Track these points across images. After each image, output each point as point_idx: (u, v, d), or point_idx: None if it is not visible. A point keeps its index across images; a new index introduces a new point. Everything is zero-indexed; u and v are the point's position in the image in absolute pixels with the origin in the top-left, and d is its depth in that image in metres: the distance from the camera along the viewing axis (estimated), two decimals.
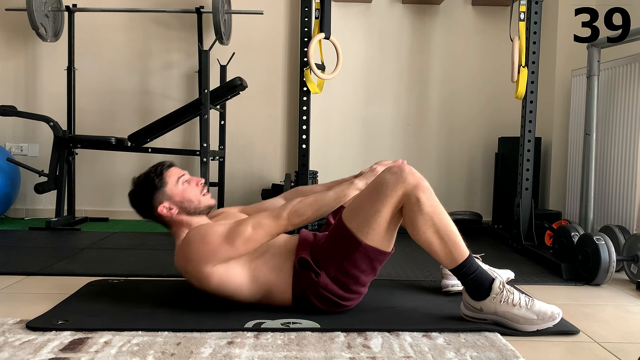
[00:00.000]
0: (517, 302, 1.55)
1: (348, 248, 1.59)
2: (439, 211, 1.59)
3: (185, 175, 1.75)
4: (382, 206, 1.56)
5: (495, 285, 1.57)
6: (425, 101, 3.75)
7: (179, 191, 1.71)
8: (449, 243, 1.57)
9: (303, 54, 2.81)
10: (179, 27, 3.72)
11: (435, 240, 1.57)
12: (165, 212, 1.70)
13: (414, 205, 1.56)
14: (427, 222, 1.57)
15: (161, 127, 3.26)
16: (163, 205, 1.70)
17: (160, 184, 1.71)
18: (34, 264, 2.28)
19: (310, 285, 1.62)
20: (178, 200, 1.70)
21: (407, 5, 3.69)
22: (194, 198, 1.72)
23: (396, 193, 1.56)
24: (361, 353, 1.38)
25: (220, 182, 3.54)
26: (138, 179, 1.75)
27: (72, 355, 1.34)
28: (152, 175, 1.72)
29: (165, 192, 1.70)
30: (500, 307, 1.55)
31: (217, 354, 1.36)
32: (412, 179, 1.58)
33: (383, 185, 1.57)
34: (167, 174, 1.73)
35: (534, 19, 2.79)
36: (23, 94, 3.70)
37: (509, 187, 3.26)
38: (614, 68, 2.73)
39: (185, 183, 1.73)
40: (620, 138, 2.66)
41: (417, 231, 1.57)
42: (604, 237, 2.15)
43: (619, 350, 1.47)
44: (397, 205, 1.57)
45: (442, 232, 1.57)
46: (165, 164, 1.76)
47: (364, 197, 1.60)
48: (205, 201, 1.75)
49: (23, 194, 3.64)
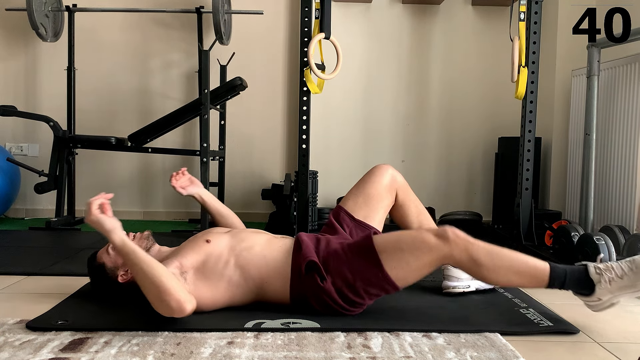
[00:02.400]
0: (621, 273, 1.51)
1: (368, 272, 1.58)
2: (497, 255, 1.55)
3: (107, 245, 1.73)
4: (422, 261, 1.55)
5: (592, 273, 1.53)
6: (425, 101, 3.75)
7: (113, 258, 1.71)
8: (526, 272, 1.54)
9: (303, 54, 2.81)
10: (179, 27, 3.72)
11: (513, 279, 1.55)
12: (126, 278, 1.67)
13: (473, 266, 1.54)
14: (493, 271, 1.54)
15: (161, 127, 3.25)
16: (121, 275, 1.68)
17: (101, 267, 1.72)
18: (34, 264, 2.28)
19: (313, 288, 1.61)
20: (120, 263, 1.69)
21: (407, 5, 3.69)
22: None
23: (439, 255, 1.54)
24: (361, 353, 1.38)
25: (220, 182, 3.54)
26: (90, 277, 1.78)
27: (72, 355, 1.34)
28: (90, 266, 1.75)
29: (109, 267, 1.71)
30: (613, 286, 1.52)
31: (217, 354, 1.36)
32: (461, 243, 1.53)
33: (425, 246, 1.54)
34: (98, 257, 1.74)
35: (534, 19, 2.79)
36: (23, 94, 3.70)
37: (509, 187, 3.26)
38: (614, 68, 2.73)
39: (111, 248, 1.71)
40: (620, 138, 2.66)
41: (491, 281, 1.58)
42: (604, 237, 2.15)
43: (619, 350, 1.47)
44: (438, 263, 1.56)
45: (513, 269, 1.54)
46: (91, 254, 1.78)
47: (406, 240, 1.58)
48: (140, 243, 1.72)
49: (23, 194, 3.64)
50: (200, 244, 1.67)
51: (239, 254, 1.65)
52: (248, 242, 1.69)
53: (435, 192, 3.75)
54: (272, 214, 3.35)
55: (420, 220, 1.93)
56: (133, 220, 3.67)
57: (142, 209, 3.76)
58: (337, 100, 3.69)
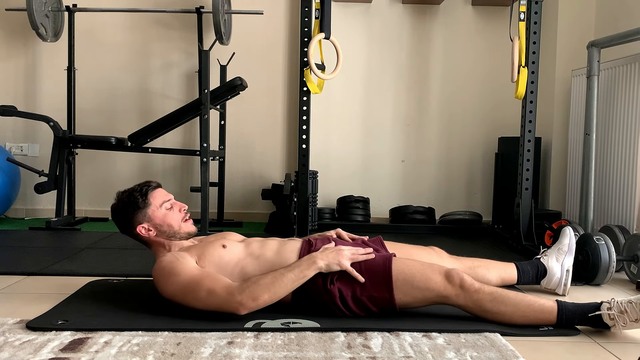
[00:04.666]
0: (636, 317, 1.50)
1: (377, 293, 1.61)
2: (501, 301, 1.58)
3: (170, 200, 1.75)
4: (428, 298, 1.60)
5: (605, 318, 1.53)
6: (425, 101, 3.75)
7: (161, 215, 1.72)
8: (531, 315, 1.57)
9: (303, 54, 2.81)
10: (179, 27, 3.72)
11: (520, 319, 1.57)
12: (143, 233, 1.72)
13: (478, 311, 1.59)
14: (498, 314, 1.58)
15: (161, 127, 3.25)
16: (142, 226, 1.71)
17: (143, 205, 1.71)
18: (34, 264, 2.28)
19: (317, 289, 1.62)
20: (158, 223, 1.72)
21: (407, 5, 3.69)
22: (174, 224, 1.73)
23: (444, 297, 1.59)
24: (361, 353, 1.38)
25: (220, 182, 3.54)
26: (122, 195, 1.75)
27: (72, 355, 1.34)
28: (137, 194, 1.72)
29: (147, 213, 1.71)
30: (628, 327, 1.52)
31: (217, 354, 1.36)
32: (466, 290, 1.58)
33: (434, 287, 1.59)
34: (152, 195, 1.73)
35: (534, 19, 2.79)
36: (23, 94, 3.70)
37: (509, 187, 3.26)
38: (614, 68, 2.73)
39: (168, 208, 1.73)
40: (620, 138, 2.66)
41: (500, 321, 1.59)
42: (604, 237, 2.15)
43: (619, 350, 1.47)
44: (441, 302, 1.61)
45: (519, 313, 1.57)
46: (152, 184, 1.76)
47: (419, 277, 1.60)
48: (185, 228, 1.76)
49: (23, 194, 3.64)
50: (217, 247, 1.71)
51: (251, 261, 1.69)
52: (261, 250, 1.72)
53: (435, 192, 3.76)
54: (272, 214, 3.35)
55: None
56: None
57: None
58: (337, 100, 3.69)
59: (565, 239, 2.02)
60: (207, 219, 3.00)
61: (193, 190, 3.14)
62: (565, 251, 2.00)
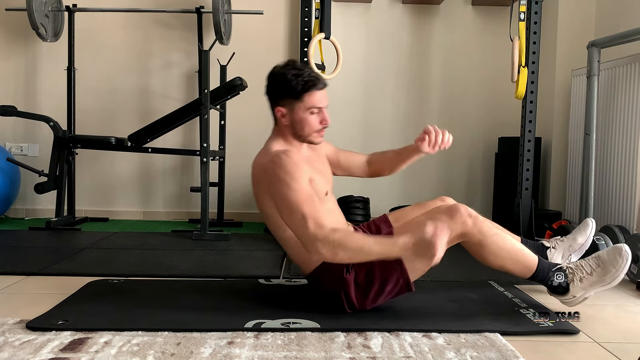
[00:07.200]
0: (590, 270, 1.65)
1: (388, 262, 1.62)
2: (499, 237, 1.66)
3: (320, 109, 1.69)
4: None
5: (567, 270, 1.67)
6: (425, 101, 3.75)
7: (302, 116, 1.69)
8: (519, 260, 1.66)
9: (303, 54, 2.81)
10: (179, 27, 3.72)
11: (506, 263, 1.66)
12: (278, 116, 1.72)
13: (476, 244, 1.64)
14: (493, 252, 1.65)
15: (161, 127, 3.25)
16: (281, 110, 1.70)
17: (296, 96, 1.67)
18: (34, 264, 2.28)
19: (334, 275, 1.64)
20: (295, 119, 1.69)
21: (407, 5, 3.69)
22: (307, 130, 1.71)
23: (453, 234, 1.61)
24: (361, 353, 1.38)
25: (220, 182, 3.54)
26: (290, 70, 1.68)
27: (72, 355, 1.34)
28: (300, 82, 1.65)
29: (294, 105, 1.68)
30: (584, 284, 1.65)
31: (217, 354, 1.36)
32: (470, 220, 1.62)
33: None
34: (310, 94, 1.66)
35: (534, 19, 2.79)
36: (23, 94, 3.70)
37: (509, 187, 3.26)
38: (614, 68, 2.73)
39: (313, 112, 1.68)
40: (620, 138, 2.66)
41: (486, 261, 1.67)
42: (604, 237, 2.15)
43: (619, 350, 1.47)
44: (452, 242, 1.64)
45: (510, 255, 1.66)
46: (319, 84, 1.68)
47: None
48: (313, 138, 1.72)
49: (23, 194, 3.64)
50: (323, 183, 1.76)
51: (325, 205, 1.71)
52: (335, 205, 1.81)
53: (435, 192, 3.75)
54: None
55: None
56: (133, 220, 3.67)
57: (142, 209, 3.76)
58: (337, 100, 3.69)
59: (581, 238, 2.00)
60: (207, 218, 3.00)
61: (193, 190, 3.14)
62: (575, 249, 1.99)
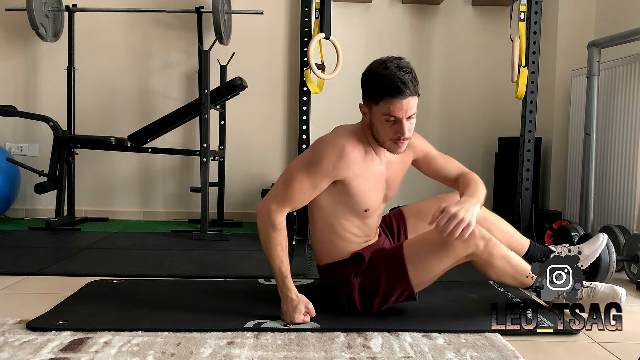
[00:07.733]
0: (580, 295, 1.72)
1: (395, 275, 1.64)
2: (506, 261, 1.67)
3: (398, 120, 1.58)
4: (445, 264, 1.63)
5: None
6: (425, 101, 3.74)
7: (378, 120, 1.61)
8: (519, 276, 1.70)
9: (303, 54, 2.81)
10: (179, 27, 3.71)
11: (508, 280, 1.71)
12: (361, 110, 1.71)
13: (485, 264, 1.66)
14: (498, 271, 1.67)
15: (161, 127, 3.25)
16: (364, 107, 1.68)
17: (375, 98, 1.59)
18: (34, 264, 2.28)
19: (342, 275, 1.67)
20: (372, 120, 1.64)
21: (407, 5, 3.69)
22: (382, 136, 1.63)
23: (463, 255, 1.62)
24: (361, 353, 1.38)
25: (220, 182, 3.54)
26: (382, 69, 1.58)
27: (72, 355, 1.34)
28: (382, 84, 1.56)
29: (371, 105, 1.62)
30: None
31: (217, 354, 1.36)
32: (482, 243, 1.62)
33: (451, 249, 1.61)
34: (389, 102, 1.55)
35: (534, 19, 2.79)
36: (23, 94, 3.70)
37: (509, 187, 3.26)
38: (614, 68, 2.73)
39: (389, 120, 1.58)
40: (620, 138, 2.66)
41: (486, 275, 1.70)
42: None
43: (619, 350, 1.47)
44: (460, 262, 1.65)
45: (513, 272, 1.69)
46: (407, 92, 1.56)
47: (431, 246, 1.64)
48: (389, 147, 1.66)
49: (23, 194, 3.64)
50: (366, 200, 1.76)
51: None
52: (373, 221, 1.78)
53: (435, 192, 3.72)
54: None
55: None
56: (133, 220, 3.67)
57: (142, 209, 3.76)
58: (337, 100, 3.69)
59: (588, 249, 1.99)
60: (207, 219, 3.00)
61: (193, 190, 3.14)
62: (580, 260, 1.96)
